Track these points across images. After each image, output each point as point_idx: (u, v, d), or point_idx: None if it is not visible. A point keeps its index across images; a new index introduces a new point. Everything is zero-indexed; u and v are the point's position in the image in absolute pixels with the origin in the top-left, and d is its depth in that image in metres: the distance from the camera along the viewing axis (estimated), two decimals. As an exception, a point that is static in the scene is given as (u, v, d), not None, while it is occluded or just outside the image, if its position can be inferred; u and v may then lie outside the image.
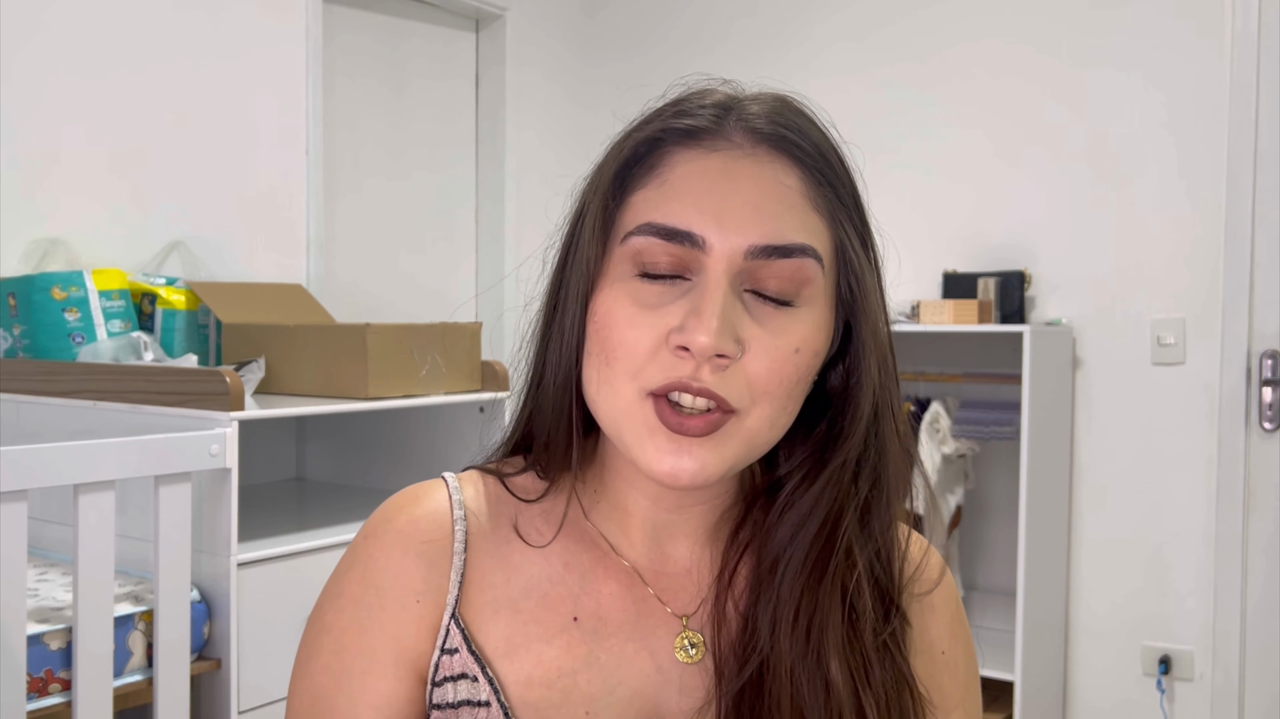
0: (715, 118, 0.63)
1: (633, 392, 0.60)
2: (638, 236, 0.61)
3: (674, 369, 0.59)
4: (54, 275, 2.02)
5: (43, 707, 1.45)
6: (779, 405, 0.61)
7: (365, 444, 2.43)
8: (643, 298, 0.61)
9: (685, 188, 0.61)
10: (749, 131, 0.63)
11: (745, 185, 0.61)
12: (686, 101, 0.65)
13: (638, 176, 0.63)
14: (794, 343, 0.61)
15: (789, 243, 0.60)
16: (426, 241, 3.20)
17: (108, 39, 2.28)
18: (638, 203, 0.62)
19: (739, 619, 0.66)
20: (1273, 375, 2.55)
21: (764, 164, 0.62)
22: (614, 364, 0.61)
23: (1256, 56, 2.55)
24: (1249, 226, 2.56)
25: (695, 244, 0.60)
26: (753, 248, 0.60)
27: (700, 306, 0.59)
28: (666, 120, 0.64)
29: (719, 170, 0.61)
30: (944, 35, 2.97)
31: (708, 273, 0.60)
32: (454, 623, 0.66)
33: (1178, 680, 2.67)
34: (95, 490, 1.49)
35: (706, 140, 0.62)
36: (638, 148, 0.64)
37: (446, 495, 0.71)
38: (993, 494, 2.97)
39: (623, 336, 0.60)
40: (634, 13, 3.49)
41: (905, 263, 3.03)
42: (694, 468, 0.60)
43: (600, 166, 0.67)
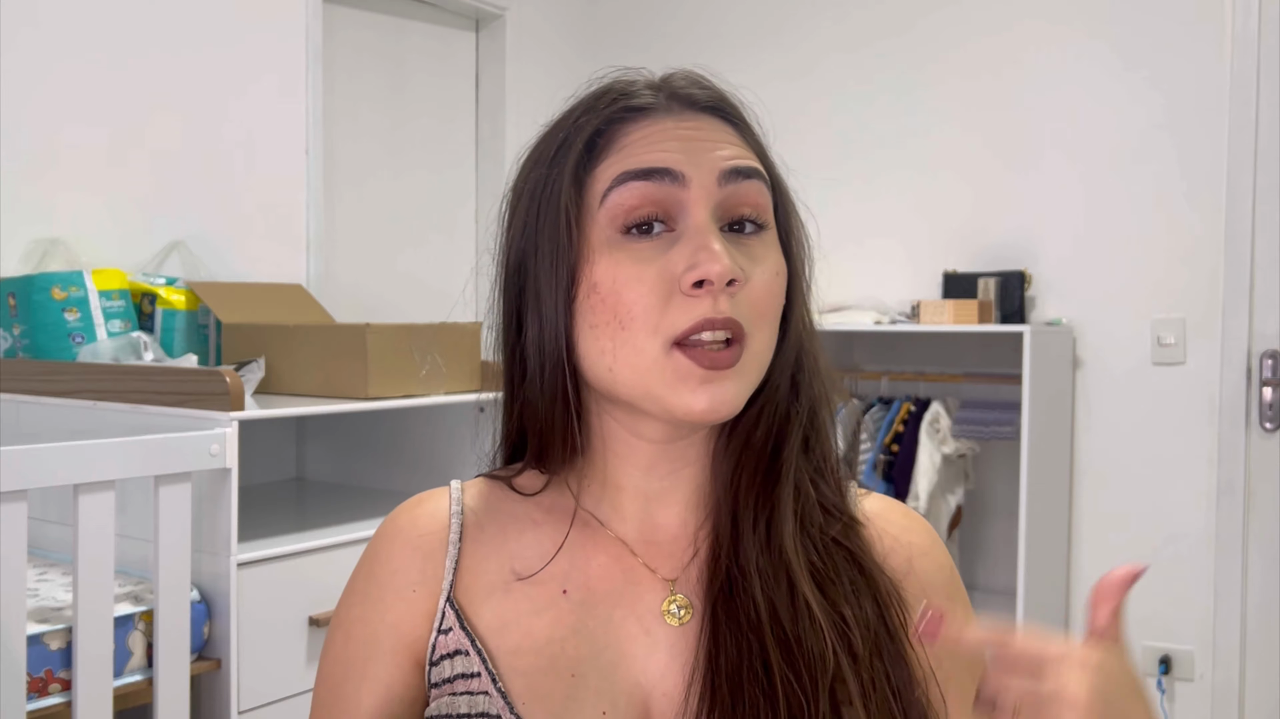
0: (650, 94, 0.69)
1: (657, 346, 0.63)
2: (617, 188, 0.65)
3: (693, 309, 0.62)
4: (54, 275, 2.02)
5: (43, 707, 1.45)
6: (771, 327, 0.67)
7: (365, 444, 2.43)
8: (639, 254, 0.64)
9: (647, 143, 0.66)
10: (684, 100, 0.69)
11: (698, 133, 0.67)
12: (615, 91, 0.70)
13: (593, 159, 0.67)
14: (774, 266, 0.67)
15: (748, 165, 0.67)
16: (427, 241, 3.20)
17: (108, 38, 2.28)
18: (602, 172, 0.66)
19: (714, 564, 0.69)
20: (1273, 375, 2.55)
21: (702, 121, 0.68)
22: (631, 324, 0.63)
23: (1256, 56, 2.55)
24: (1249, 226, 2.56)
25: (674, 179, 0.64)
26: (724, 171, 0.65)
27: (703, 242, 0.63)
28: (607, 109, 0.68)
29: (672, 127, 0.67)
30: (944, 34, 2.97)
31: (692, 212, 0.64)
32: (449, 605, 0.70)
33: (1178, 680, 2.67)
34: (95, 490, 1.49)
35: (650, 112, 0.68)
36: (589, 138, 0.67)
37: (449, 497, 0.76)
38: (993, 494, 2.97)
39: (635, 295, 0.63)
40: (633, 12, 3.49)
41: (905, 263, 3.03)
42: (729, 397, 0.64)
43: (530, 169, 0.70)
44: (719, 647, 0.65)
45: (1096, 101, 2.75)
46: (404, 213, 3.12)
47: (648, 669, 0.67)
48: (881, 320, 2.82)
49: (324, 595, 1.78)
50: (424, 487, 0.80)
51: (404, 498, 0.79)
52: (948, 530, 2.82)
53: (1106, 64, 2.73)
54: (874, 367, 3.05)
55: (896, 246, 3.04)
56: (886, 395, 2.97)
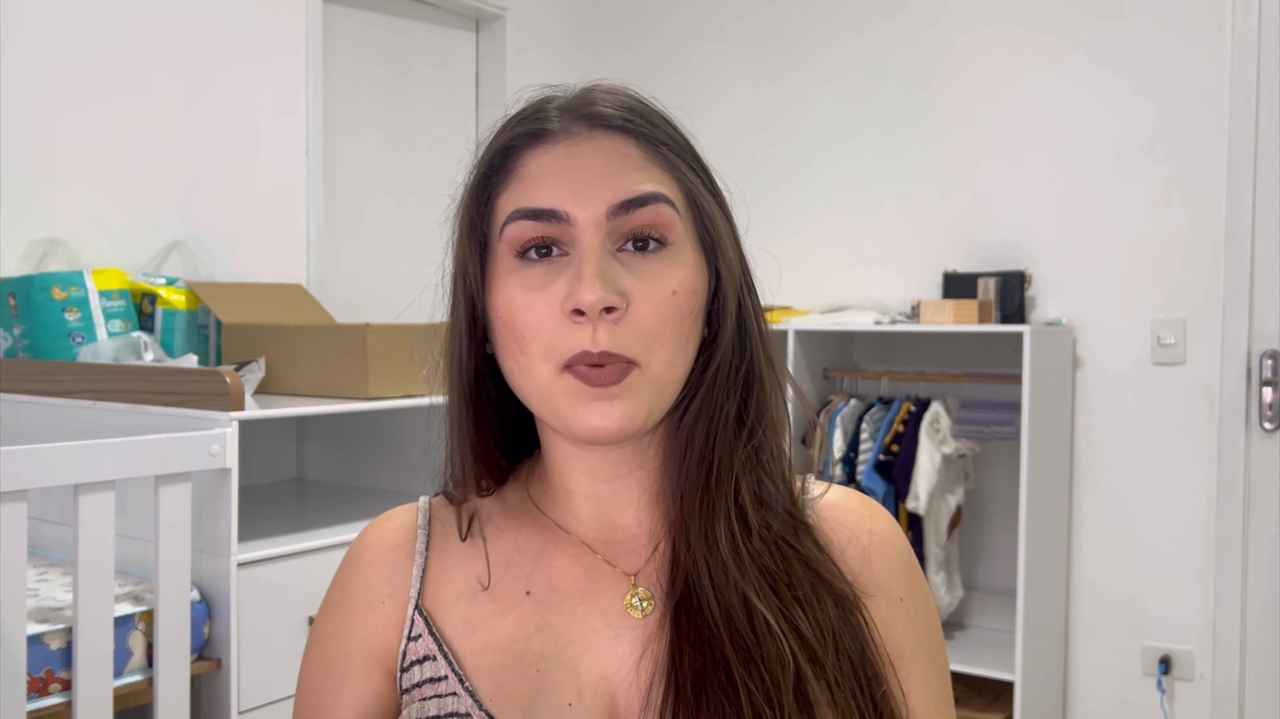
0: (556, 117, 0.70)
1: (549, 369, 0.66)
2: (510, 225, 0.67)
3: (575, 338, 0.65)
4: (54, 275, 2.02)
5: (43, 707, 1.45)
6: (673, 344, 0.67)
7: (365, 444, 2.43)
8: (530, 281, 0.67)
9: (539, 176, 0.68)
10: (585, 118, 0.70)
11: (591, 161, 0.68)
12: (528, 111, 0.72)
13: (497, 184, 0.70)
14: (670, 285, 0.67)
15: (641, 193, 0.67)
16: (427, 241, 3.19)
17: (108, 39, 2.28)
18: (502, 204, 0.69)
19: (673, 559, 0.71)
20: (1273, 375, 2.55)
21: (602, 142, 0.69)
22: (527, 349, 0.67)
23: (1256, 56, 2.55)
24: (1249, 226, 2.56)
25: (560, 219, 0.66)
26: (610, 207, 0.66)
27: (580, 270, 0.65)
28: (512, 129, 0.71)
29: (565, 155, 0.68)
30: (944, 34, 2.97)
31: (579, 241, 0.66)
32: (417, 613, 0.72)
33: (1178, 680, 2.67)
34: (95, 490, 1.49)
35: (550, 136, 0.69)
36: (492, 159, 0.71)
37: (416, 510, 0.79)
38: (993, 494, 2.97)
39: (526, 321, 0.66)
40: (633, 12, 3.49)
41: (905, 263, 3.03)
42: (618, 416, 0.65)
43: (465, 185, 0.74)
44: (680, 646, 0.66)
45: (1097, 101, 2.75)
46: (404, 212, 3.12)
47: (612, 660, 0.68)
48: (881, 320, 2.82)
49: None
50: (424, 487, 0.82)
51: (404, 498, 0.81)
52: (948, 530, 2.82)
53: (1106, 64, 2.73)
54: (874, 367, 3.05)
55: (896, 246, 3.04)
56: (886, 395, 2.97)
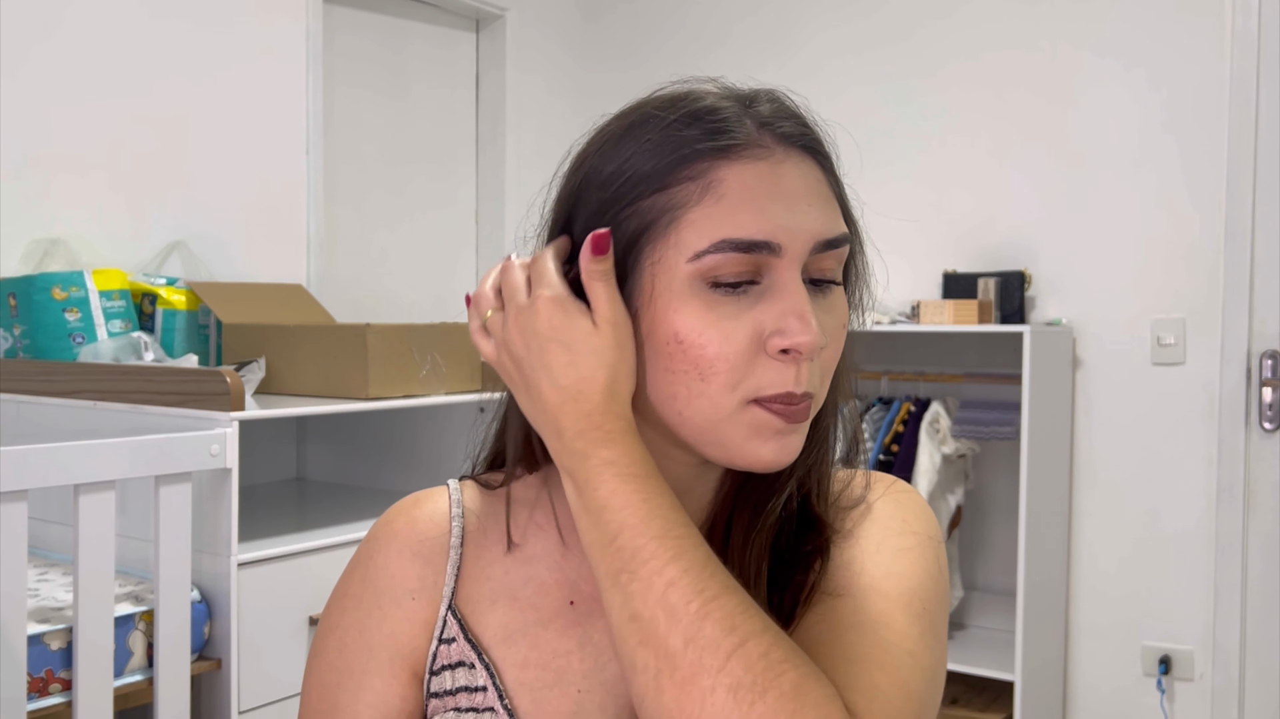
0: (743, 125, 0.64)
1: (734, 401, 0.62)
2: (713, 254, 0.61)
3: (779, 376, 0.62)
4: (54, 275, 2.02)
5: (43, 707, 1.45)
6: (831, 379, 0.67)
7: (365, 444, 2.43)
8: (725, 310, 0.62)
9: (747, 198, 0.62)
10: (778, 137, 0.64)
11: (795, 186, 0.64)
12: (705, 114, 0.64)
13: (683, 194, 0.62)
14: (842, 319, 0.67)
15: (840, 234, 0.65)
16: (427, 241, 3.20)
17: (108, 39, 2.28)
18: (696, 220, 0.62)
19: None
20: (1273, 375, 2.55)
21: (799, 164, 0.65)
22: (711, 379, 0.62)
23: (1256, 56, 2.55)
24: (1249, 226, 2.56)
25: (771, 251, 0.62)
26: (817, 243, 0.63)
27: (795, 307, 0.62)
28: (692, 135, 0.63)
29: (770, 176, 0.63)
30: (944, 34, 2.97)
31: (782, 273, 0.62)
32: (450, 614, 0.69)
33: (1178, 680, 2.67)
34: (95, 490, 1.49)
35: (746, 150, 0.63)
36: (670, 166, 0.63)
37: (447, 498, 0.74)
38: (993, 494, 2.97)
39: (720, 351, 0.61)
40: (634, 13, 3.49)
41: (905, 263, 3.03)
42: (793, 449, 0.64)
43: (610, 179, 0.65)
44: None
45: (1096, 101, 2.75)
46: (404, 213, 3.12)
47: None
48: (881, 320, 2.82)
49: (324, 595, 1.77)
50: (424, 487, 0.78)
51: (404, 498, 0.77)
52: (948, 531, 2.82)
53: (1106, 63, 2.73)
54: (874, 367, 3.05)
55: (896, 246, 3.04)
56: (886, 395, 2.97)
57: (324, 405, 1.86)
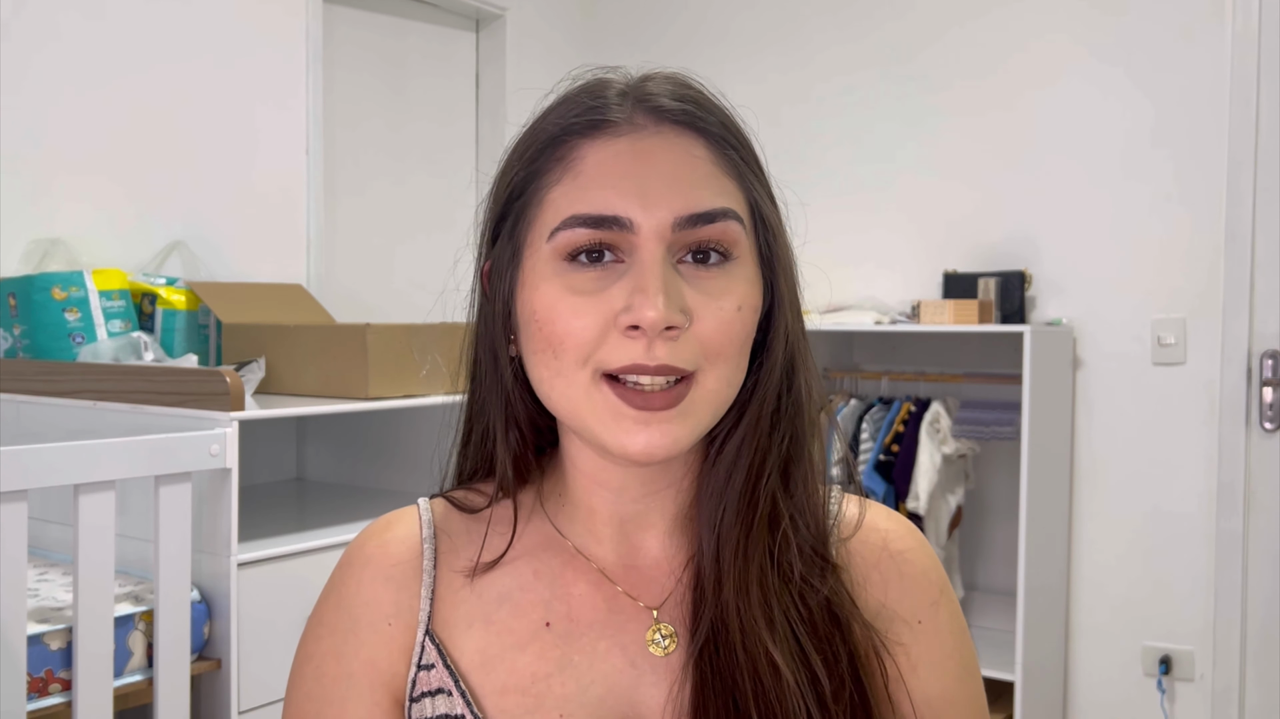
0: (617, 104, 0.64)
1: (586, 377, 0.61)
2: (564, 230, 0.61)
3: (626, 350, 0.60)
4: (54, 275, 2.02)
5: (43, 707, 1.45)
6: (732, 364, 0.63)
7: (365, 444, 2.43)
8: (580, 286, 0.61)
9: (601, 174, 0.62)
10: (651, 111, 0.64)
11: (659, 161, 0.62)
12: (583, 95, 0.65)
13: (547, 172, 0.64)
14: (735, 301, 0.63)
15: (711, 208, 0.62)
16: (427, 241, 3.20)
17: (108, 39, 2.28)
18: (555, 199, 0.63)
19: (696, 594, 0.67)
20: (1273, 375, 2.55)
21: (671, 140, 0.63)
22: (563, 355, 0.61)
23: (1257, 56, 2.55)
24: (1249, 226, 2.56)
25: (623, 226, 0.61)
26: (678, 219, 0.61)
27: (643, 284, 0.60)
28: (568, 115, 0.64)
29: (630, 152, 0.62)
30: (944, 33, 2.97)
31: (640, 251, 0.61)
32: (428, 639, 0.67)
33: (1178, 680, 2.67)
34: (95, 490, 1.49)
35: (611, 127, 0.63)
36: (543, 145, 0.65)
37: (418, 518, 0.72)
38: (993, 494, 2.97)
39: (569, 326, 0.61)
40: (633, 11, 3.49)
41: (905, 263, 3.03)
42: (666, 442, 0.61)
43: (504, 171, 0.67)
44: (705, 694, 0.63)
45: (1096, 101, 2.75)
46: (404, 213, 3.12)
47: (634, 703, 0.65)
48: (881, 320, 2.82)
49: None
50: (424, 487, 0.78)
51: (404, 498, 0.76)
52: (948, 530, 2.82)
53: (1107, 64, 2.73)
54: (874, 367, 3.05)
55: (896, 246, 3.04)
56: (886, 395, 2.97)
57: (324, 405, 1.86)
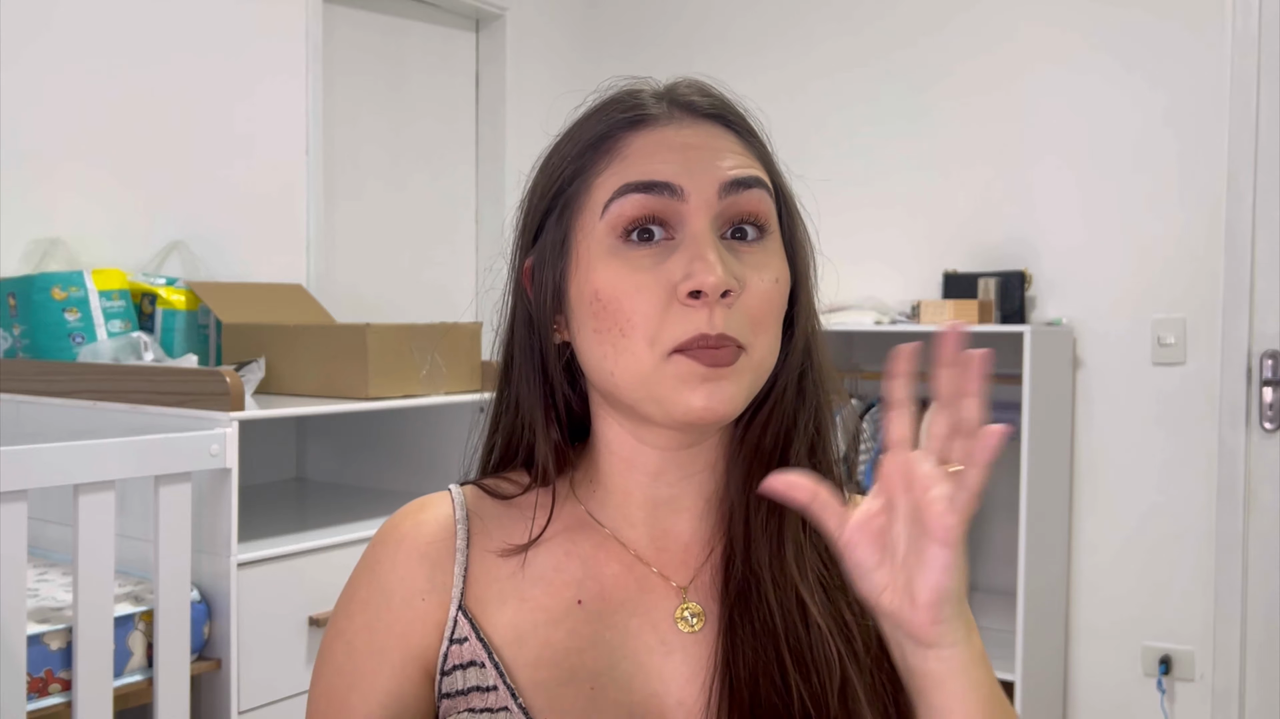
0: (654, 103, 0.70)
1: (656, 354, 0.64)
2: (617, 200, 0.66)
3: (690, 321, 0.63)
4: (54, 275, 2.02)
5: (43, 707, 1.45)
6: (773, 334, 0.67)
7: (365, 444, 2.43)
8: (638, 263, 0.65)
9: (648, 154, 0.67)
10: (685, 106, 0.70)
11: (699, 143, 0.68)
12: (623, 97, 0.71)
13: (594, 163, 0.68)
14: (774, 274, 0.67)
15: (750, 175, 0.67)
16: (426, 241, 3.20)
17: (107, 38, 2.28)
18: (604, 181, 0.67)
19: (727, 572, 0.70)
20: (1273, 375, 2.55)
21: (706, 128, 0.69)
22: (631, 333, 0.64)
23: (1257, 57, 2.55)
24: (1249, 226, 2.56)
25: (674, 193, 0.65)
26: (722, 184, 0.66)
27: (700, 252, 0.64)
28: (610, 114, 0.69)
29: (673, 135, 0.68)
30: (944, 34, 2.97)
31: (691, 221, 0.65)
32: (461, 614, 0.69)
33: (1178, 680, 2.67)
34: (95, 490, 1.49)
35: (652, 120, 0.69)
36: (590, 142, 0.69)
37: (450, 501, 0.75)
38: (993, 494, 2.96)
39: (634, 304, 0.64)
40: (634, 11, 3.49)
41: (905, 263, 3.03)
42: (726, 396, 0.64)
43: (546, 171, 0.72)
44: (736, 652, 0.65)
45: (1096, 101, 2.75)
46: (404, 213, 3.12)
47: (664, 678, 0.67)
48: (881, 320, 2.82)
49: (324, 595, 1.78)
50: (424, 487, 0.79)
51: (404, 498, 0.78)
52: (948, 530, 2.82)
53: (1106, 64, 2.73)
54: (874, 367, 3.05)
55: (896, 246, 3.04)
56: (886, 395, 2.97)
57: (324, 405, 1.86)
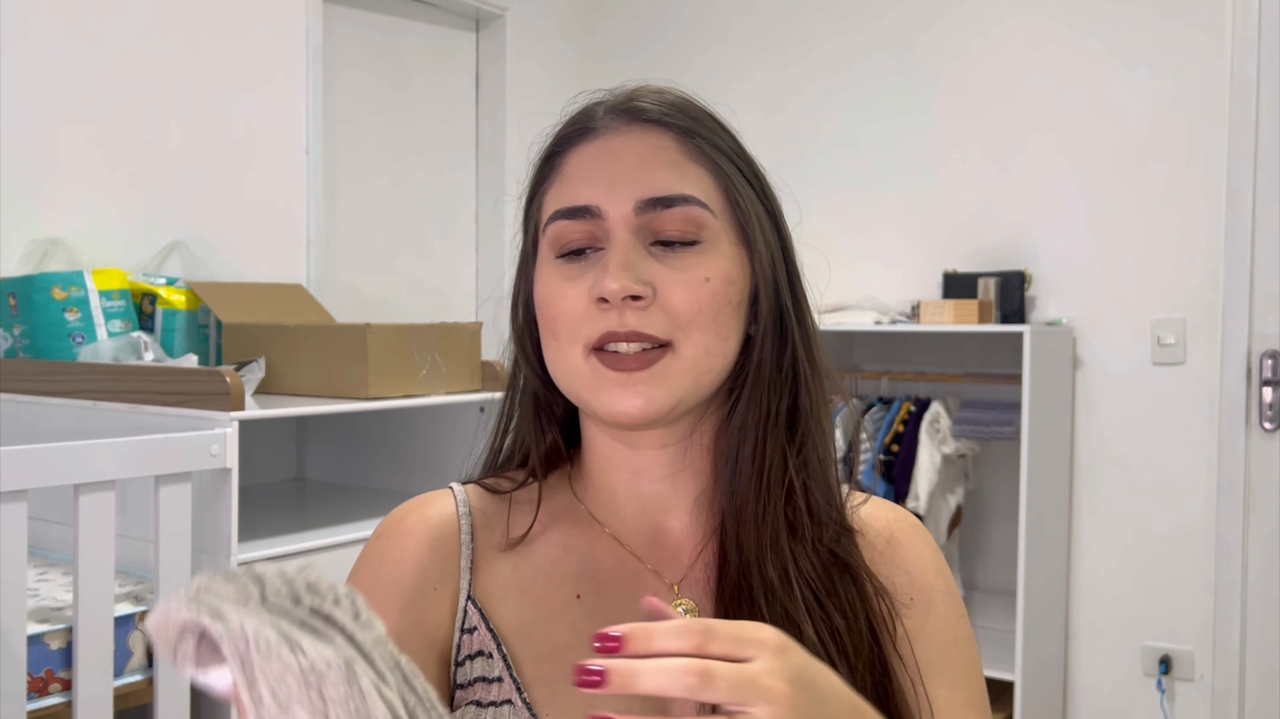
0: (600, 114, 0.73)
1: (577, 353, 0.68)
2: (550, 225, 0.71)
3: (602, 321, 0.67)
4: (54, 275, 2.02)
5: (43, 707, 1.45)
6: (709, 331, 0.68)
7: (365, 444, 2.43)
8: (567, 273, 0.69)
9: (577, 173, 0.71)
10: (624, 114, 0.72)
11: (626, 155, 0.70)
12: (578, 113, 0.75)
13: (544, 180, 0.74)
14: (703, 273, 0.68)
15: (671, 194, 0.69)
16: (427, 241, 3.19)
17: (107, 38, 2.28)
18: (548, 201, 0.73)
19: (720, 569, 0.71)
20: (1273, 375, 2.55)
21: (639, 136, 0.71)
22: (559, 335, 0.69)
23: (1257, 57, 2.55)
24: (1249, 226, 2.56)
25: (593, 214, 0.69)
26: (639, 203, 0.68)
27: (606, 261, 0.67)
28: (560, 131, 0.74)
29: (602, 150, 0.71)
30: (944, 35, 2.97)
31: (611, 235, 0.68)
32: (471, 604, 0.71)
33: (1178, 680, 2.67)
34: (95, 490, 1.49)
35: (591, 133, 0.72)
36: (543, 158, 0.75)
37: (452, 498, 0.77)
38: (993, 494, 2.97)
39: (559, 309, 0.69)
40: (634, 11, 3.49)
41: (905, 263, 3.03)
42: (641, 402, 0.66)
43: (526, 184, 0.78)
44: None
45: (1097, 102, 2.75)
46: (404, 213, 3.12)
47: None
48: (881, 320, 2.82)
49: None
50: (424, 487, 0.80)
51: (404, 498, 0.78)
52: (948, 531, 2.82)
53: (1107, 64, 2.73)
54: (874, 367, 3.05)
55: (896, 247, 3.04)
56: (886, 395, 2.97)
57: (324, 405, 1.86)
